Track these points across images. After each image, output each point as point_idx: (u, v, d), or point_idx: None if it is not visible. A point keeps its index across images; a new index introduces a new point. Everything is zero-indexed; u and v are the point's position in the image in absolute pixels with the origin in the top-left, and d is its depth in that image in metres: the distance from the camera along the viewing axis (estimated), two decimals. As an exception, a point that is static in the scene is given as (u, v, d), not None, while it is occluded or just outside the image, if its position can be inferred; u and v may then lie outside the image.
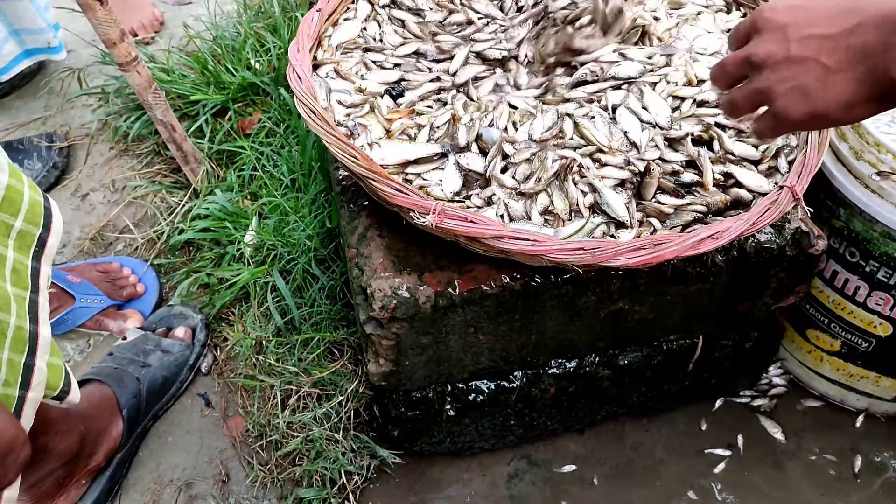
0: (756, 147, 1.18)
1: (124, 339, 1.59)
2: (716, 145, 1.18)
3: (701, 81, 1.28)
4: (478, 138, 1.15)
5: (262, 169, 1.78)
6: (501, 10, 1.42)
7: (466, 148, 1.14)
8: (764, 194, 1.11)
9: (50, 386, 1.03)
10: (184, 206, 1.81)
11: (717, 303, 1.33)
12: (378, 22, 1.39)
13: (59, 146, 1.99)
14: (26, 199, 1.02)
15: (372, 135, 1.18)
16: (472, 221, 0.99)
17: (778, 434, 1.57)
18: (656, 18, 1.40)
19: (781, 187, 1.07)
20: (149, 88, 1.63)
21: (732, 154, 1.16)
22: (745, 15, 1.43)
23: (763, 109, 0.77)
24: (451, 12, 1.40)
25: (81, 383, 1.46)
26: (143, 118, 1.96)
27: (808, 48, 0.70)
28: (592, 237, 1.05)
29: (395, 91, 1.25)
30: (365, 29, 1.37)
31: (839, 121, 0.72)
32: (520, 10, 1.42)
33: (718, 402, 1.62)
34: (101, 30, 1.50)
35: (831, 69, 0.69)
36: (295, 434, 1.43)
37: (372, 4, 1.41)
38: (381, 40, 1.35)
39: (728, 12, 1.44)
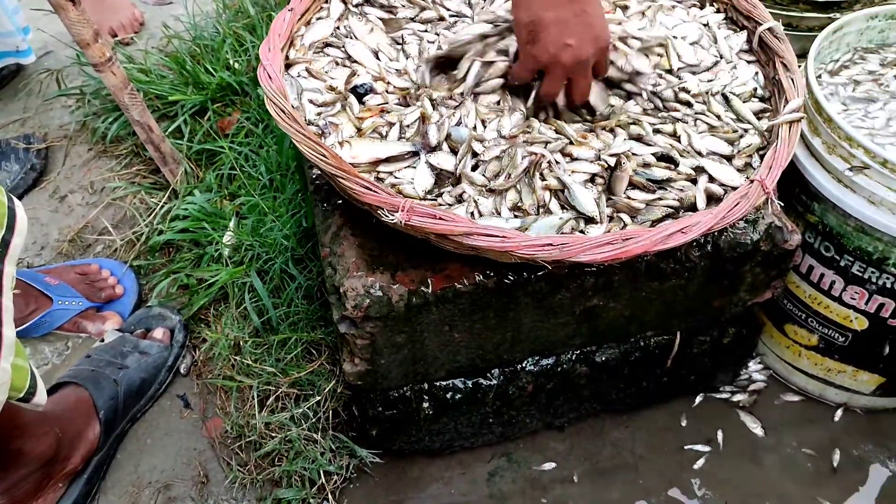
0: (729, 143, 1.18)
1: (102, 341, 1.58)
2: (683, 140, 1.18)
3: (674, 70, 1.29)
4: (447, 137, 1.15)
5: (240, 169, 1.77)
6: (470, 5, 1.42)
7: (438, 147, 1.14)
8: (736, 188, 1.11)
9: (15, 387, 1.02)
10: (163, 206, 1.80)
11: (693, 299, 1.33)
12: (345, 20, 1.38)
13: (37, 148, 1.98)
14: None
15: (343, 133, 1.17)
16: (440, 219, 0.99)
17: (757, 429, 1.57)
18: (625, 7, 1.40)
19: (752, 181, 1.07)
20: (124, 89, 1.62)
21: (700, 153, 1.16)
22: (718, 11, 1.43)
23: None
24: (422, 9, 1.39)
25: (58, 386, 1.45)
26: (122, 119, 1.95)
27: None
28: (561, 232, 1.05)
29: (361, 89, 1.24)
30: (338, 28, 1.36)
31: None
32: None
33: (698, 398, 1.62)
34: (75, 30, 1.49)
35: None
36: (273, 434, 1.43)
37: (345, 3, 1.41)
38: (351, 36, 1.34)
39: (701, 7, 1.45)
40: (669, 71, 1.31)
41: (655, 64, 1.30)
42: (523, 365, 1.37)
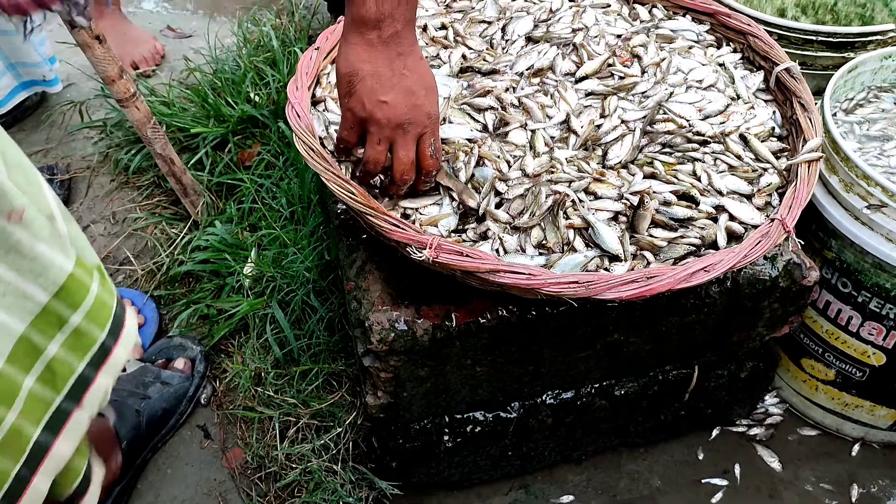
0: (749, 182, 1.20)
1: (124, 370, 1.60)
2: (704, 179, 1.20)
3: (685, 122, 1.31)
4: (471, 178, 1.17)
5: (261, 201, 1.80)
6: (491, 45, 1.45)
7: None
8: (756, 226, 1.13)
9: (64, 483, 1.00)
10: (183, 237, 1.83)
11: (711, 333, 1.34)
12: None
13: (61, 178, 2.01)
14: (92, 296, 0.95)
15: None
16: (467, 256, 1.01)
17: (774, 463, 1.57)
18: (639, 58, 1.43)
19: (772, 220, 1.09)
20: (147, 123, 1.66)
21: (720, 192, 1.18)
22: (735, 50, 1.46)
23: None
24: (445, 47, 1.43)
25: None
26: (144, 151, 1.98)
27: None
28: (586, 270, 1.06)
29: None
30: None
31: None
32: (507, 41, 1.45)
33: (715, 432, 1.63)
34: (101, 67, 1.53)
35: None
36: (294, 466, 1.44)
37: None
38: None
39: (718, 47, 1.47)
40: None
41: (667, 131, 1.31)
42: (543, 398, 1.38)
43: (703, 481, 1.55)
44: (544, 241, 1.10)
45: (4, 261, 0.85)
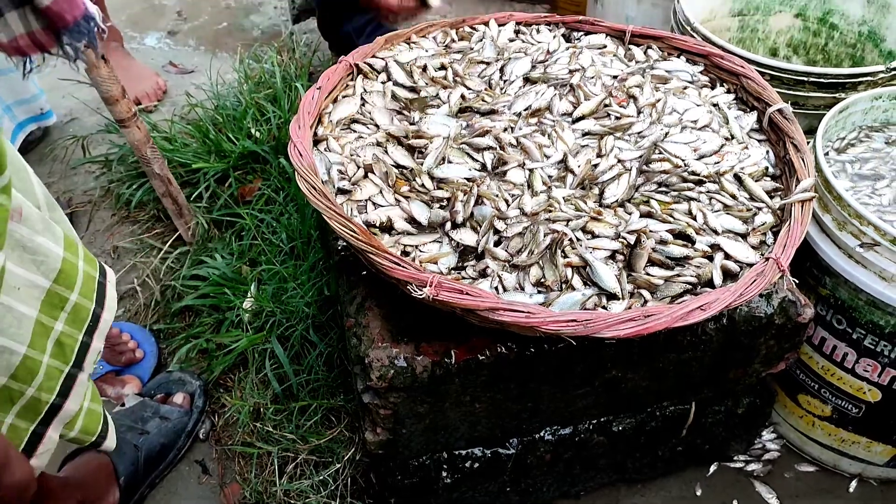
0: (744, 221, 1.22)
1: (123, 405, 1.60)
2: (699, 218, 1.22)
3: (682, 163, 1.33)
4: (470, 216, 1.19)
5: (261, 236, 1.81)
6: (490, 85, 1.48)
7: (462, 224, 1.18)
8: (751, 265, 1.15)
9: (87, 431, 1.07)
10: (183, 270, 1.84)
11: (708, 370, 1.36)
12: (364, 99, 1.43)
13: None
14: (81, 274, 1.05)
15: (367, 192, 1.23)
16: (467, 294, 1.02)
17: (772, 499, 1.57)
18: (635, 98, 1.46)
19: (767, 259, 1.11)
20: (147, 143, 1.72)
21: (716, 231, 1.20)
22: (728, 91, 1.49)
23: None
24: (444, 87, 1.45)
25: (79, 451, 1.47)
26: (146, 186, 2.00)
27: None
28: (584, 308, 1.08)
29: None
30: (364, 104, 1.42)
31: None
32: (505, 82, 1.48)
33: (713, 467, 1.63)
34: (105, 87, 1.58)
35: None
36: (292, 501, 1.44)
37: (371, 81, 1.47)
38: (372, 118, 1.40)
39: (712, 88, 1.50)
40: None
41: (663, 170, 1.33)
42: (542, 434, 1.39)
43: (701, 518, 1.56)
44: (543, 280, 1.12)
45: (12, 257, 0.94)
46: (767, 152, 1.37)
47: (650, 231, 1.19)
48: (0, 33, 1.32)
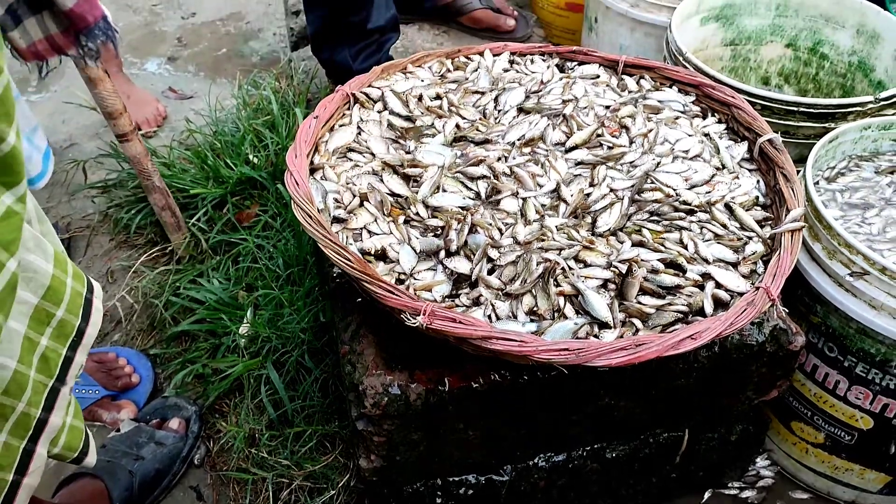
0: (734, 251, 1.24)
1: (118, 430, 1.60)
2: (690, 247, 1.23)
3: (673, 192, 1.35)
4: (464, 245, 1.20)
5: (258, 261, 1.83)
6: (484, 115, 1.50)
7: (456, 252, 1.20)
8: (742, 294, 1.16)
9: (70, 447, 1.07)
10: (180, 292, 1.85)
11: (701, 397, 1.36)
12: (360, 128, 1.46)
13: (60, 238, 2.03)
14: (69, 289, 1.05)
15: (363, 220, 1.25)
16: (460, 322, 1.03)
17: (767, 527, 1.57)
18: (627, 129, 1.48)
19: (758, 288, 1.12)
20: (147, 157, 1.80)
21: (707, 260, 1.22)
22: (720, 121, 1.51)
23: None
24: (439, 117, 1.47)
25: (74, 477, 1.47)
26: (145, 210, 2.02)
27: None
28: (577, 337, 1.09)
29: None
30: (360, 133, 1.44)
31: None
32: (500, 111, 1.50)
33: (707, 494, 1.63)
34: (108, 102, 1.65)
35: None
36: (286, 528, 1.44)
37: (367, 110, 1.49)
38: (368, 147, 1.41)
39: (704, 118, 1.53)
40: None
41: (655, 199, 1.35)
42: (535, 461, 1.39)
43: (695, 545, 1.56)
44: (535, 308, 1.13)
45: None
46: (758, 182, 1.38)
47: (641, 260, 1.20)
48: (19, 40, 1.36)
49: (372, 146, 1.41)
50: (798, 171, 1.35)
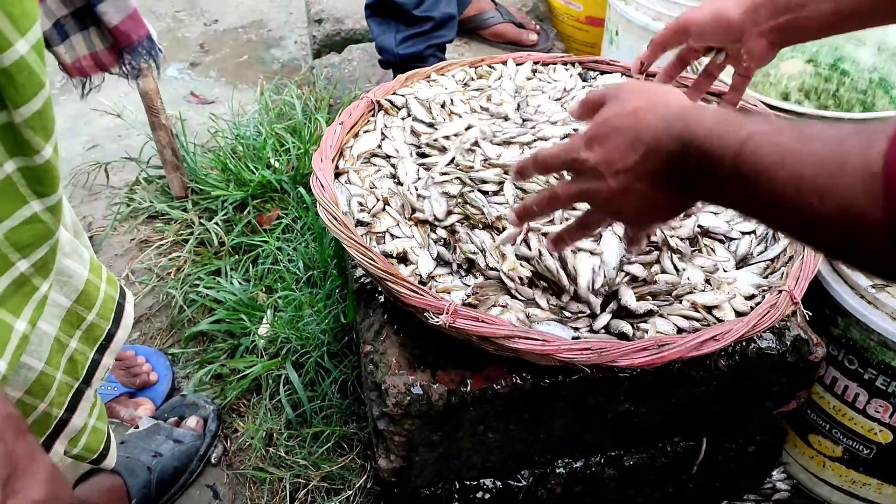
0: (756, 255, 1.25)
1: (136, 427, 1.61)
2: (717, 250, 1.24)
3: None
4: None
5: (279, 263, 1.84)
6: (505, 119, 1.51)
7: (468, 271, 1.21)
8: (765, 297, 1.16)
9: (90, 448, 1.08)
10: (200, 290, 1.86)
11: (719, 406, 1.36)
12: (384, 134, 1.47)
13: (87, 238, 2.06)
14: (102, 294, 1.07)
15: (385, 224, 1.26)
16: (483, 321, 1.04)
17: (783, 540, 1.57)
18: None
19: (780, 291, 1.13)
20: (157, 94, 1.96)
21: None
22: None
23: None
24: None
25: (92, 472, 1.48)
26: (163, 210, 2.04)
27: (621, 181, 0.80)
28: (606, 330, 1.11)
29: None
30: (384, 138, 1.46)
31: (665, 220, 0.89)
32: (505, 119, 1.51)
33: (723, 506, 1.63)
34: None
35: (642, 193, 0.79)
36: (303, 529, 1.44)
37: (391, 117, 1.51)
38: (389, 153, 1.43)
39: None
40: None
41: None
42: (553, 467, 1.39)
43: (710, 556, 1.55)
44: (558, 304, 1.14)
45: None
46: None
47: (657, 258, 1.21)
48: (65, 55, 1.38)
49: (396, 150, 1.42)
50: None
